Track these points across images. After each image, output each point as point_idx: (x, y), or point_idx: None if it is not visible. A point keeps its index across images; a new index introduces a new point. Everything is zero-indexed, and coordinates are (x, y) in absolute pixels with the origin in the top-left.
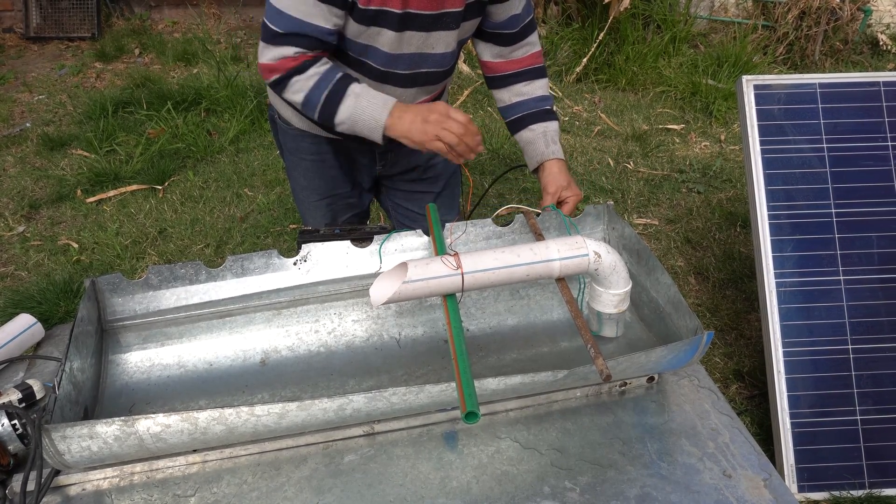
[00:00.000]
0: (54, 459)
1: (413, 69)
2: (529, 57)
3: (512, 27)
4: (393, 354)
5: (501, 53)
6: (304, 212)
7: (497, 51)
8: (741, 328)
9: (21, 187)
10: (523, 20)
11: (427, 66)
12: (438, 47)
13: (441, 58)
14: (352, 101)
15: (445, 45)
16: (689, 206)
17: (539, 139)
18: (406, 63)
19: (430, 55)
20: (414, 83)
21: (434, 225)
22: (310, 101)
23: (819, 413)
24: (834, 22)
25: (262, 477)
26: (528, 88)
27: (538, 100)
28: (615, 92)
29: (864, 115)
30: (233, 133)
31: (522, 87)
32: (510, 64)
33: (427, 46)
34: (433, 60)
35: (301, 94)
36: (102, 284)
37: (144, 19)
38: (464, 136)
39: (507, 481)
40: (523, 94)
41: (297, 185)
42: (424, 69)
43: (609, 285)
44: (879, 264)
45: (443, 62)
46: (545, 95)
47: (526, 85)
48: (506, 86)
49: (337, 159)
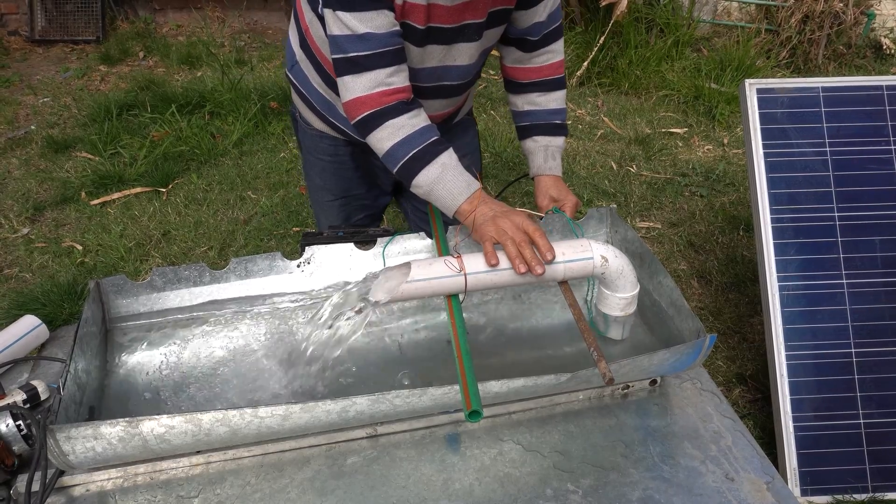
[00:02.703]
0: (59, 460)
1: (435, 82)
2: (549, 67)
3: (534, 34)
4: (395, 357)
5: (521, 59)
6: (318, 211)
7: (517, 56)
8: (744, 331)
9: (25, 189)
10: (546, 27)
11: (449, 79)
12: (461, 59)
13: (464, 70)
14: (437, 170)
15: (468, 56)
16: (691, 210)
17: (539, 152)
18: (427, 77)
19: (453, 67)
20: (436, 96)
21: (437, 226)
22: (394, 154)
23: (822, 417)
24: (837, 26)
25: (265, 478)
26: (543, 99)
27: (550, 112)
28: (618, 95)
29: (867, 118)
30: (236, 136)
31: (537, 98)
32: (529, 72)
33: (449, 59)
34: (456, 73)
35: (388, 144)
36: (107, 286)
37: (149, 22)
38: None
39: (509, 483)
40: (536, 105)
41: (312, 184)
42: (447, 82)
43: (616, 289)
44: (883, 268)
45: (465, 74)
46: (558, 108)
47: (541, 95)
48: (521, 93)
49: (354, 161)
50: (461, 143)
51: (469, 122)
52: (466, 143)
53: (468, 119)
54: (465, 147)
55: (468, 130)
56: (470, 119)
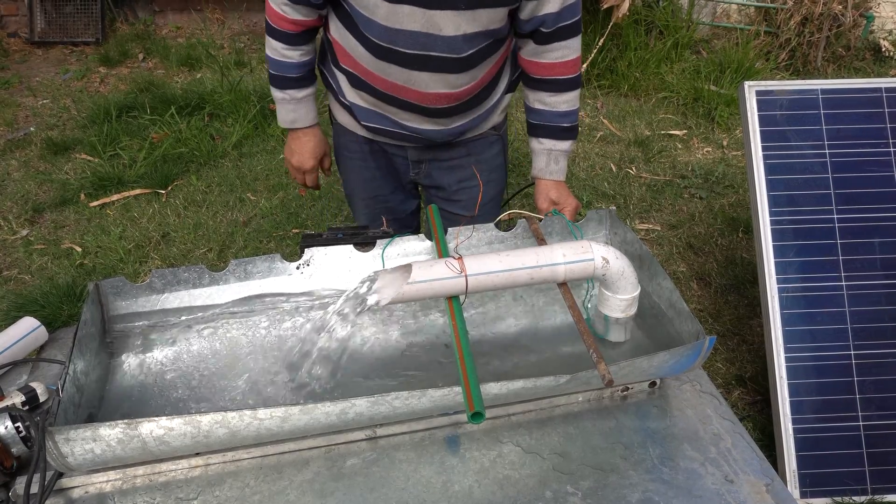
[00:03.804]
0: (57, 462)
1: (419, 50)
2: (563, 64)
3: (547, 25)
4: (395, 359)
5: (535, 52)
6: (352, 208)
7: (531, 48)
8: (743, 333)
9: (25, 191)
10: (562, 20)
11: (436, 49)
12: (447, 29)
13: (451, 41)
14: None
15: (455, 27)
16: (691, 212)
17: (543, 155)
18: (409, 42)
19: (438, 37)
20: (424, 67)
21: (437, 228)
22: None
23: (822, 419)
24: (836, 28)
25: (264, 480)
26: (553, 100)
27: (559, 115)
28: (617, 97)
29: (866, 120)
30: (236, 137)
31: (548, 97)
32: (542, 67)
33: (432, 26)
34: (443, 44)
35: (267, 54)
36: (106, 288)
37: (148, 24)
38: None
39: (508, 486)
40: (546, 105)
41: (344, 180)
42: (435, 52)
43: (617, 290)
44: (882, 270)
45: (454, 48)
46: (568, 111)
47: (552, 96)
48: (533, 89)
49: (376, 160)
50: (481, 159)
51: (493, 139)
52: (486, 160)
53: (493, 136)
54: (484, 164)
55: (490, 147)
56: (496, 136)
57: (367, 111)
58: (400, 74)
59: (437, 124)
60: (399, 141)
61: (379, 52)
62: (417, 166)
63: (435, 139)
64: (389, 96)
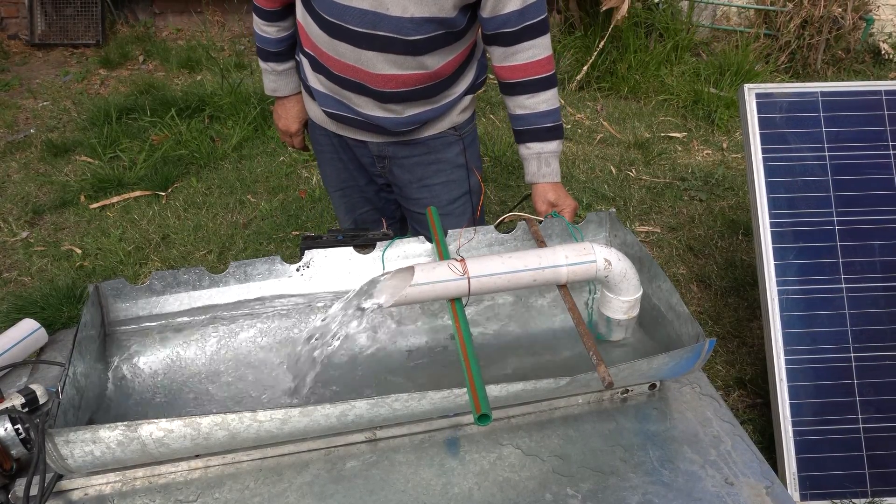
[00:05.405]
0: (57, 464)
1: (368, 28)
2: (534, 64)
3: (511, 24)
4: (395, 361)
5: (505, 55)
6: (332, 201)
7: (501, 52)
8: (743, 336)
9: (25, 193)
10: (525, 19)
11: (385, 28)
12: (394, 9)
13: (398, 22)
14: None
15: (401, 8)
16: (691, 214)
17: (532, 159)
18: (358, 19)
19: (385, 17)
20: (372, 46)
21: (437, 229)
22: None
23: (821, 421)
24: (836, 31)
25: (263, 482)
26: (532, 102)
27: (540, 115)
28: (617, 100)
29: (865, 123)
30: (236, 140)
31: (526, 100)
32: (514, 71)
33: (379, 5)
34: (390, 23)
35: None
36: (106, 290)
37: (148, 26)
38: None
39: (508, 488)
40: (526, 108)
41: (321, 175)
42: (382, 32)
43: (619, 292)
44: (882, 272)
45: (402, 28)
46: (549, 110)
47: (530, 98)
48: (511, 95)
49: (346, 152)
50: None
51: (453, 139)
52: (447, 160)
53: (453, 136)
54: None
55: (450, 147)
56: (455, 136)
57: (325, 96)
58: (351, 53)
59: (390, 111)
60: (358, 131)
61: (331, 30)
62: (381, 161)
63: (388, 128)
64: (342, 78)
